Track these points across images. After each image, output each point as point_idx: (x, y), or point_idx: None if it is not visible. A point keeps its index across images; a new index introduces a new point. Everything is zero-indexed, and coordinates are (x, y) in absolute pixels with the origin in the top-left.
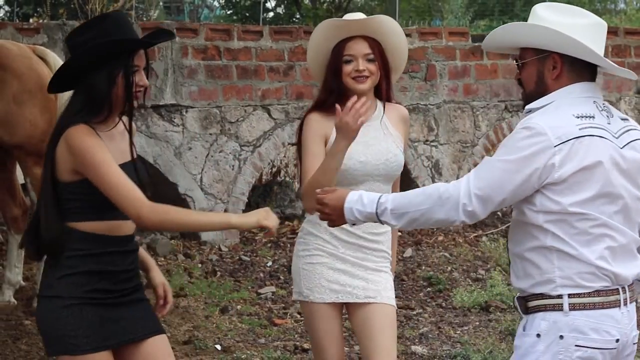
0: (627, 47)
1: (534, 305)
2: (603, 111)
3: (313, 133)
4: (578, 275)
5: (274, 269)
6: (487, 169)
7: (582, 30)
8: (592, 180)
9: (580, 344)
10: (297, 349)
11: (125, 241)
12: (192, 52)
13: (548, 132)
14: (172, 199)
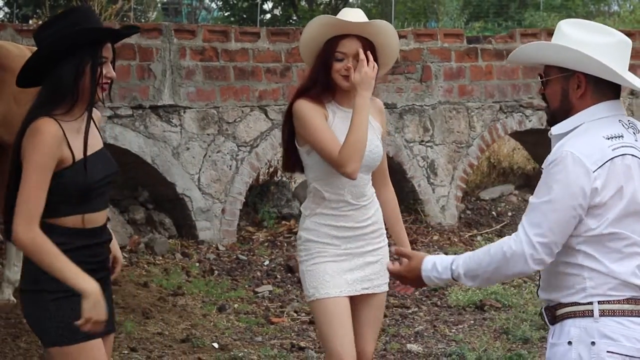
0: None
1: (563, 313)
2: (630, 128)
3: (314, 111)
4: (608, 288)
5: (270, 268)
6: (538, 215)
7: (606, 49)
8: (625, 198)
9: (612, 350)
10: (293, 347)
11: (101, 232)
12: (189, 53)
13: (584, 159)
14: (170, 199)
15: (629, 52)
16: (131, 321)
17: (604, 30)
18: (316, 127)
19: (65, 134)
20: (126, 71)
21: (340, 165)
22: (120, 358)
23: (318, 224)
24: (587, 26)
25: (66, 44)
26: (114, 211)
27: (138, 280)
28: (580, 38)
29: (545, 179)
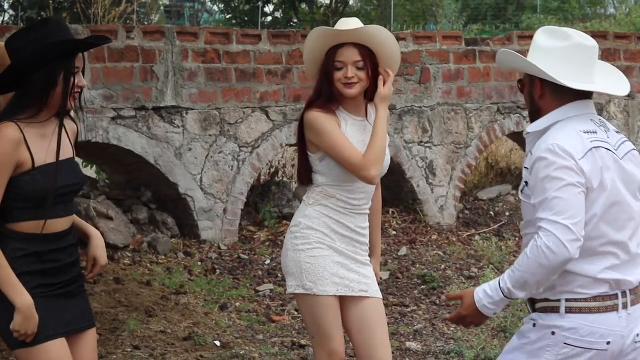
0: (617, 51)
1: (537, 307)
2: (601, 126)
3: (329, 121)
4: (578, 285)
5: (271, 267)
6: (558, 203)
7: (557, 52)
8: (605, 190)
9: (569, 343)
10: (294, 345)
11: (62, 237)
12: (192, 55)
13: (568, 149)
14: (172, 199)
15: (588, 53)
16: (134, 319)
17: (563, 35)
18: (332, 133)
19: (25, 138)
20: (129, 73)
21: (364, 169)
22: (123, 356)
23: (320, 214)
24: (553, 32)
25: (37, 57)
26: (117, 211)
27: (141, 279)
28: (540, 43)
29: (544, 174)
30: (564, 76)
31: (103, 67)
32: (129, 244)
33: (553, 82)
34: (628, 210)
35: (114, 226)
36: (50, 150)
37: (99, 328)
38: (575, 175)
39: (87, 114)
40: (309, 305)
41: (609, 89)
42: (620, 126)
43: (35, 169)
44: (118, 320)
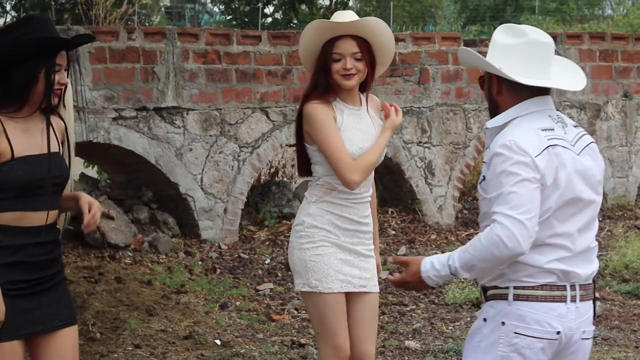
0: (615, 52)
1: (489, 294)
2: (559, 122)
3: (326, 116)
4: (525, 275)
5: (272, 267)
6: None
7: (512, 49)
8: (560, 187)
9: (519, 332)
10: (294, 344)
11: (38, 232)
12: (192, 56)
13: (524, 146)
14: (173, 199)
15: (544, 49)
16: (135, 318)
17: (519, 32)
18: (327, 129)
19: (5, 130)
20: (130, 74)
21: (351, 171)
22: (124, 354)
23: (323, 211)
24: (510, 29)
25: (17, 53)
26: (118, 211)
27: (142, 278)
28: (498, 41)
29: (501, 168)
30: (519, 73)
31: (104, 68)
32: (130, 243)
33: (509, 79)
34: (582, 206)
35: (115, 226)
36: (33, 144)
37: (100, 327)
38: (531, 171)
39: (89, 114)
40: (315, 302)
41: (564, 85)
42: (618, 126)
43: (15, 160)
44: (119, 319)
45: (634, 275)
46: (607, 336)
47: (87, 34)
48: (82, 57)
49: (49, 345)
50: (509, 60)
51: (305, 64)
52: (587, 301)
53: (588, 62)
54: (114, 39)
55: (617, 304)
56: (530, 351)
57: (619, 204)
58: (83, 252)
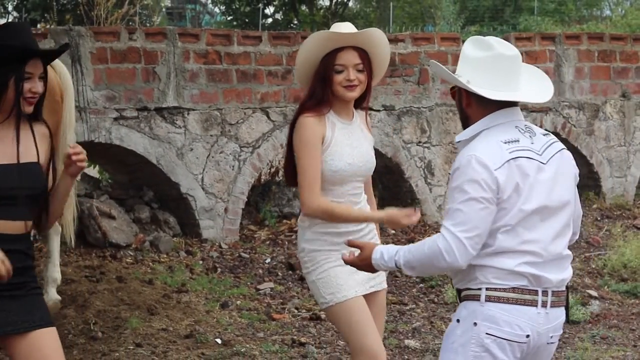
0: (613, 52)
1: (463, 296)
2: (526, 133)
3: (313, 135)
4: (496, 277)
5: (272, 266)
6: (460, 215)
7: (480, 63)
8: (523, 195)
9: (491, 333)
10: (294, 343)
11: (11, 240)
12: (193, 56)
13: (485, 161)
14: (174, 198)
15: (509, 62)
16: (136, 317)
17: (486, 45)
18: (308, 150)
19: None
20: (132, 74)
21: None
22: (125, 353)
23: (319, 233)
24: (477, 42)
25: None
26: (120, 210)
27: (143, 277)
28: (467, 54)
29: (456, 184)
30: (486, 86)
31: (106, 68)
32: (131, 243)
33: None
34: (550, 214)
35: (116, 225)
36: (3, 153)
37: (102, 326)
38: (482, 190)
39: (90, 114)
40: (337, 315)
41: (530, 97)
42: (617, 126)
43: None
44: (121, 318)
45: (633, 274)
46: (605, 335)
47: (63, 46)
48: (84, 58)
49: (24, 346)
50: (477, 74)
51: (301, 77)
52: (558, 307)
53: (586, 63)
54: (115, 40)
55: (616, 303)
56: (501, 352)
57: (617, 204)
58: (84, 252)
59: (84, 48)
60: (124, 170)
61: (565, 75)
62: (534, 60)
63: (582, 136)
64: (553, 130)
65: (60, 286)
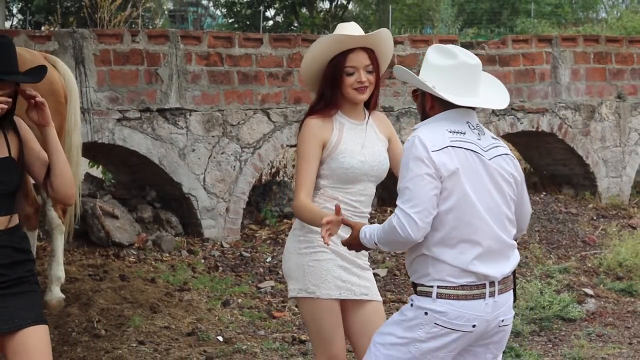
0: (608, 54)
1: (418, 290)
2: (475, 129)
3: (312, 137)
4: (447, 274)
5: (273, 265)
6: (407, 193)
7: (445, 70)
8: (464, 184)
9: (439, 323)
10: (294, 341)
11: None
12: (195, 58)
13: (425, 142)
14: (177, 198)
15: (472, 70)
16: (139, 315)
17: (451, 54)
18: (304, 157)
19: None
20: (134, 75)
21: (300, 197)
22: (128, 351)
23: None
24: (442, 51)
25: None
26: (123, 210)
27: (146, 276)
28: (431, 61)
29: (403, 161)
30: (450, 91)
31: (109, 70)
32: (134, 242)
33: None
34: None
35: (119, 225)
36: None
37: (105, 324)
38: (425, 167)
39: (94, 115)
40: (312, 309)
41: (489, 104)
42: (612, 127)
43: None
44: (124, 316)
45: (628, 273)
46: (601, 333)
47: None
48: (87, 60)
49: (13, 343)
50: (441, 80)
51: (307, 79)
52: (506, 293)
53: (583, 64)
54: (119, 42)
55: (611, 302)
56: (446, 339)
57: (613, 204)
58: (88, 251)
59: (87, 50)
60: (127, 171)
61: (561, 76)
62: (530, 62)
63: (578, 137)
64: (550, 130)
65: (64, 285)
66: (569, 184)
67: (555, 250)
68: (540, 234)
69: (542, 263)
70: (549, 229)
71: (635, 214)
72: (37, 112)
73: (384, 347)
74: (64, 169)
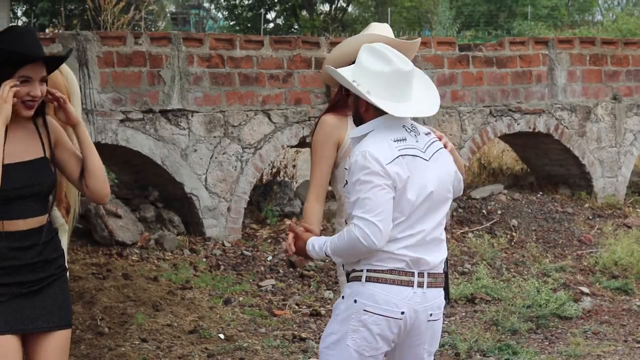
0: (604, 56)
1: (350, 277)
2: (412, 132)
3: (326, 139)
4: (377, 259)
5: (273, 263)
6: (367, 203)
7: (380, 76)
8: (410, 190)
9: (368, 310)
10: (295, 338)
11: (27, 237)
12: (197, 60)
13: (377, 156)
14: (179, 198)
15: (405, 78)
16: (142, 313)
17: (386, 59)
18: (317, 155)
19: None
20: (137, 77)
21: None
22: (131, 348)
23: None
24: (377, 54)
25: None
26: (126, 209)
27: (148, 274)
28: (365, 65)
29: (357, 177)
30: (386, 97)
31: (112, 72)
32: (137, 241)
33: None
34: (434, 205)
35: (122, 224)
36: (11, 154)
37: (109, 322)
38: (382, 178)
39: (97, 116)
40: None
41: (420, 111)
42: (608, 128)
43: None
44: (127, 314)
45: (623, 271)
46: (597, 330)
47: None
48: (91, 62)
49: (35, 346)
50: (376, 86)
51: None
52: (436, 288)
53: (579, 66)
54: (122, 44)
55: (607, 300)
56: (377, 327)
57: (608, 203)
58: (92, 250)
59: (91, 52)
60: (130, 171)
61: (558, 78)
62: (527, 63)
63: (574, 137)
64: (546, 131)
65: (69, 283)
66: (565, 184)
67: (551, 249)
68: (537, 233)
69: (538, 262)
70: (545, 228)
71: (630, 214)
72: (62, 112)
73: (329, 349)
74: (98, 168)
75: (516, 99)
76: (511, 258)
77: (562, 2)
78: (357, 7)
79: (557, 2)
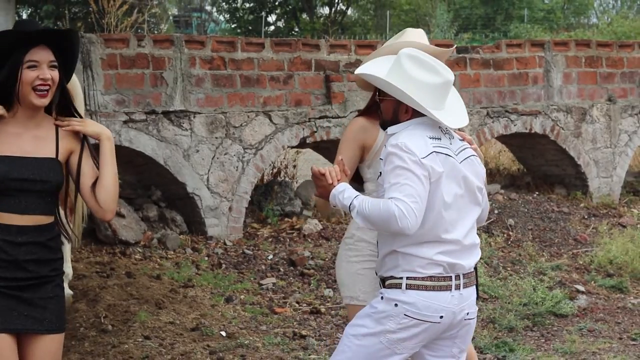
0: (599, 58)
1: (387, 284)
2: (446, 134)
3: (352, 140)
4: (417, 266)
5: (274, 262)
6: (407, 188)
7: (429, 87)
8: (444, 189)
9: (408, 314)
10: (295, 336)
11: (20, 233)
12: (199, 62)
13: (413, 149)
14: (181, 197)
15: (450, 86)
16: (145, 311)
17: (434, 70)
18: (344, 155)
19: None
20: (140, 79)
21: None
22: (134, 345)
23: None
24: (422, 63)
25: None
26: (129, 209)
27: (151, 273)
28: (411, 74)
29: (394, 165)
30: (432, 107)
31: (116, 74)
32: (140, 240)
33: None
34: (467, 208)
35: (125, 223)
36: (19, 146)
37: (112, 319)
38: (420, 168)
39: (101, 117)
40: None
41: (455, 123)
42: (603, 129)
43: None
44: (130, 312)
45: (618, 270)
46: (592, 328)
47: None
48: (95, 64)
49: (25, 346)
50: (424, 95)
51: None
52: (470, 287)
53: (574, 68)
54: (125, 46)
55: (602, 298)
56: (415, 330)
57: (603, 203)
58: (95, 249)
59: (94, 54)
60: (133, 171)
61: (553, 80)
62: (524, 65)
63: (570, 138)
64: (542, 132)
65: (72, 281)
66: (561, 184)
67: (547, 248)
68: (533, 232)
69: (535, 260)
70: (541, 227)
71: (625, 213)
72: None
73: (356, 337)
74: (111, 183)
75: (513, 100)
76: (508, 257)
77: (558, 5)
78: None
79: (553, 5)
